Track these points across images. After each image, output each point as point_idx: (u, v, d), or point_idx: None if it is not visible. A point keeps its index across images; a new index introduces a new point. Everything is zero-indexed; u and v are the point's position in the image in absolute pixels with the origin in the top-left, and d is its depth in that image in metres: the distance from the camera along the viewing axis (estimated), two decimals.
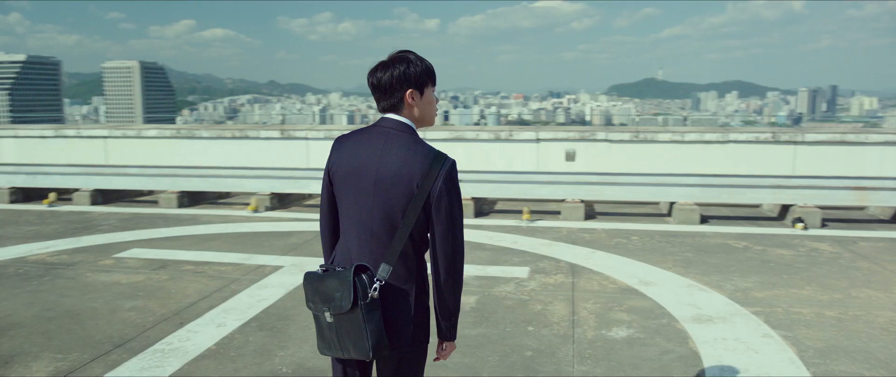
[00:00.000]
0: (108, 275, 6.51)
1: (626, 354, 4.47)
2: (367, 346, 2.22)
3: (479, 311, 5.37)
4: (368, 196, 2.31)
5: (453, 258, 2.32)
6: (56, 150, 12.59)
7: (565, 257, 7.11)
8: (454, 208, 2.31)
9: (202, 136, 12.16)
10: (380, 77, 2.37)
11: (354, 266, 2.24)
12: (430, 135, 11.13)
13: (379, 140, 2.34)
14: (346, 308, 2.21)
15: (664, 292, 5.84)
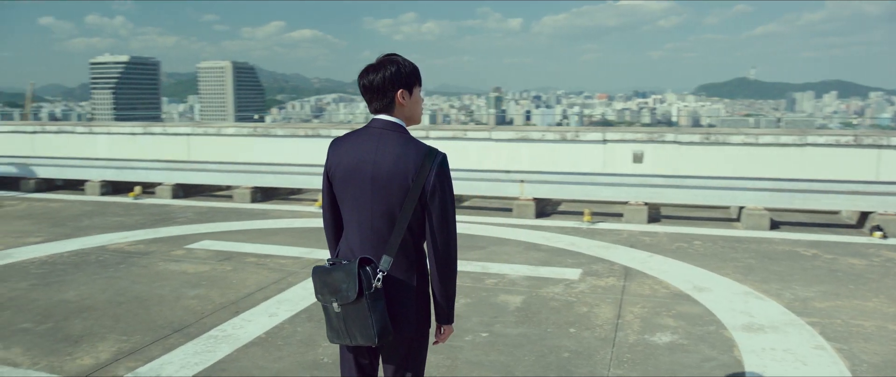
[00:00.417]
0: (177, 265, 6.90)
1: (665, 360, 4.41)
2: (372, 333, 2.35)
3: (523, 311, 5.39)
4: (367, 193, 2.43)
5: (447, 246, 2.46)
6: (144, 147, 13.34)
7: (621, 260, 7.02)
8: (446, 199, 2.44)
9: (277, 134, 12.61)
10: (372, 79, 2.48)
11: (359, 259, 2.36)
12: (495, 134, 11.17)
13: (373, 140, 2.45)
14: (353, 298, 2.33)
15: (717, 299, 5.69)
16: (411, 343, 2.54)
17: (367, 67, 2.53)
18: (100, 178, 12.13)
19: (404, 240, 2.44)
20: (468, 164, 10.95)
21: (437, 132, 11.69)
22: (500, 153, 11.10)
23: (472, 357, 4.48)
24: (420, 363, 2.61)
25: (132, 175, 12.02)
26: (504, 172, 10.11)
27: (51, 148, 13.67)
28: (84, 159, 12.64)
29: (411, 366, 2.58)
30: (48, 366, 4.36)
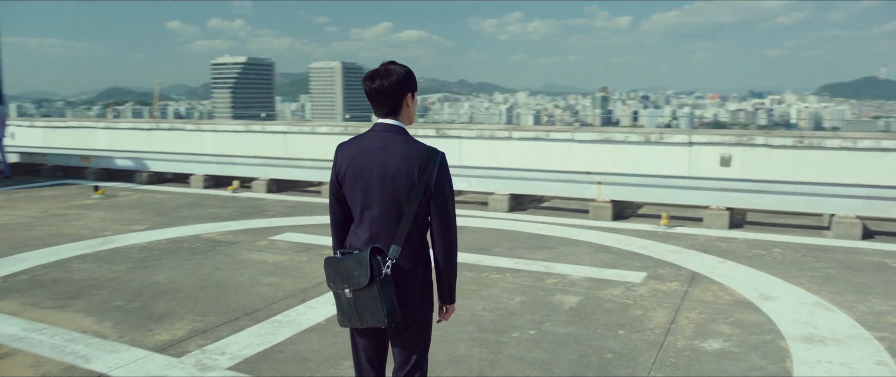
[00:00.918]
0: (259, 255, 7.39)
1: (710, 366, 4.35)
2: (382, 315, 2.58)
3: (576, 311, 5.44)
4: (376, 190, 2.64)
5: (448, 235, 2.71)
6: (245, 144, 14.18)
7: (689, 265, 6.89)
8: (447, 193, 2.68)
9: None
10: (382, 83, 2.68)
11: (371, 248, 2.59)
12: (578, 136, 11.12)
13: (378, 142, 2.67)
14: (365, 283, 2.57)
15: (782, 308, 5.51)
16: (417, 326, 2.77)
17: (373, 73, 2.74)
18: (203, 173, 13.03)
19: (410, 231, 2.64)
20: (550, 165, 10.97)
21: (519, 133, 11.77)
22: (582, 154, 11.03)
23: (515, 352, 4.59)
24: (425, 346, 2.83)
25: (232, 170, 12.83)
26: (581, 173, 10.07)
27: (164, 144, 14.80)
28: (190, 155, 13.61)
29: (417, 349, 2.80)
30: (131, 340, 4.85)
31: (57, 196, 11.78)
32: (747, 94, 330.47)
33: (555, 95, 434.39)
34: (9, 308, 5.60)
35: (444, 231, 2.71)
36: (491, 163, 11.35)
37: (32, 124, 17.57)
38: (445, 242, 2.72)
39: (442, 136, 12.37)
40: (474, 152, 11.88)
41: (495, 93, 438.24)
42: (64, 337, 4.92)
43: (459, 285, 5.58)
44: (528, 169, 10.54)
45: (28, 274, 6.65)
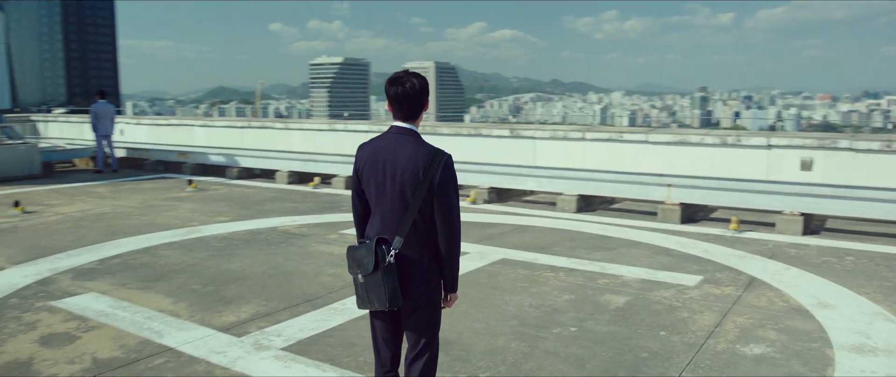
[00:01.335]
0: (327, 247, 7.81)
1: (745, 370, 4.35)
2: (384, 299, 2.87)
3: (621, 311, 5.50)
4: (387, 186, 2.90)
5: (450, 229, 2.95)
6: (328, 142, 14.78)
7: (750, 271, 6.76)
8: (450, 191, 2.92)
9: (442, 133, 13.39)
10: (409, 88, 2.92)
11: (377, 238, 2.85)
12: (653, 137, 10.99)
13: (392, 142, 2.92)
14: (371, 270, 2.85)
15: (837, 317, 5.37)
16: (423, 311, 3.02)
17: (398, 78, 2.99)
18: (288, 169, 13.71)
19: (415, 223, 2.90)
20: (622, 166, 10.90)
21: (592, 134, 11.73)
22: (655, 156, 10.89)
23: (552, 347, 4.73)
24: (433, 330, 3.07)
25: (314, 167, 13.44)
26: (651, 175, 9.98)
27: (254, 141, 15.64)
28: (277, 152, 14.34)
29: (426, 333, 3.05)
30: (200, 320, 5.32)
31: (155, 188, 12.74)
32: (861, 94, 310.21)
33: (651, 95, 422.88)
34: (101, 287, 6.22)
35: (446, 225, 2.95)
36: (563, 163, 11.38)
37: (139, 122, 18.95)
38: (447, 236, 2.96)
39: (516, 136, 12.50)
40: (548, 153, 11.93)
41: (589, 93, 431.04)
42: (144, 314, 5.45)
43: (510, 282, 5.79)
44: (597, 170, 10.53)
45: (121, 258, 7.32)
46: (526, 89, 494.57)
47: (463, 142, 12.87)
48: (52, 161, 15.66)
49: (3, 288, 6.21)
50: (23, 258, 7.34)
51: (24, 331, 5.12)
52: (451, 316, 5.36)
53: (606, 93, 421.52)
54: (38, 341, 4.90)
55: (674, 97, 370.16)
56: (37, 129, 21.62)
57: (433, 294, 3.02)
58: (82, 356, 4.62)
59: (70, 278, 6.55)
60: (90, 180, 13.95)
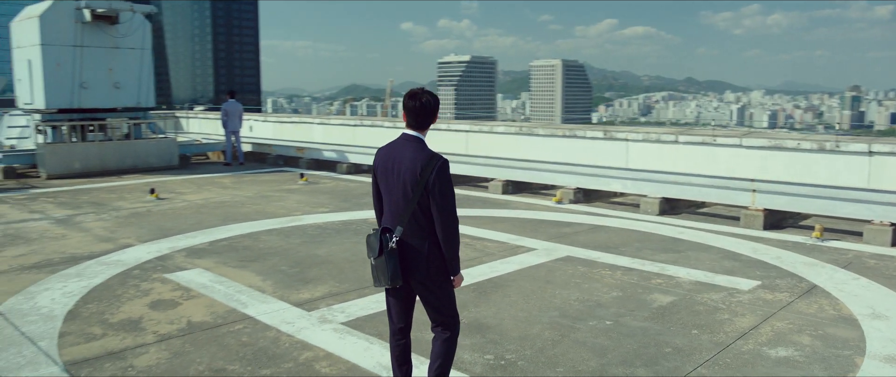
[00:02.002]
0: None
1: (760, 370, 4.53)
2: (387, 278, 3.46)
3: (663, 309, 5.75)
4: (393, 182, 3.47)
5: (445, 221, 3.46)
6: (434, 141, 15.49)
7: (815, 279, 6.72)
8: (444, 190, 3.44)
9: (538, 134, 13.76)
10: (426, 102, 3.48)
11: (382, 228, 3.42)
12: (747, 141, 10.84)
13: (400, 146, 3.49)
14: (377, 254, 3.41)
15: (885, 328, 5.34)
16: (430, 290, 3.58)
17: (416, 94, 3.55)
18: None
19: (415, 216, 3.44)
20: (715, 170, 10.82)
21: (686, 137, 11.70)
22: (748, 161, 10.74)
23: (581, 337, 5.10)
24: (443, 300, 3.64)
25: None
26: (735, 180, 9.90)
27: (365, 138, 16.69)
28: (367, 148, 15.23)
29: (436, 308, 3.63)
30: (280, 296, 6.12)
31: (271, 181, 14.00)
32: None
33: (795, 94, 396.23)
34: (206, 264, 7.21)
35: (440, 218, 3.46)
36: (655, 166, 11.43)
37: (266, 119, 20.63)
38: (442, 227, 3.48)
39: (609, 138, 12.66)
40: (640, 155, 12.01)
41: (726, 91, 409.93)
42: (235, 289, 6.33)
43: (566, 277, 6.24)
44: (681, 173, 10.54)
45: (228, 241, 8.35)
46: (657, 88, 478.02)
47: (557, 142, 13.19)
48: (188, 154, 17.47)
49: (130, 261, 7.35)
50: (150, 237, 8.55)
51: (140, 296, 6.12)
52: (498, 305, 5.85)
53: (745, 91, 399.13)
54: (148, 305, 5.88)
55: (821, 97, 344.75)
56: (180, 124, 23.99)
57: (433, 275, 3.53)
58: (180, 319, 5.52)
59: (183, 256, 7.61)
60: (218, 172, 15.50)
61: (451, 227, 3.49)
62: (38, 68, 14.42)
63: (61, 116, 14.84)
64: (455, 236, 3.53)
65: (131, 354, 4.80)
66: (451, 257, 3.56)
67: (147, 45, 15.81)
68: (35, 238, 8.52)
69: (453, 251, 3.56)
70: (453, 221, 3.50)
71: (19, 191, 12.45)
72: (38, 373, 4.48)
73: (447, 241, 3.51)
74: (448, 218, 3.48)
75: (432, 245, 3.51)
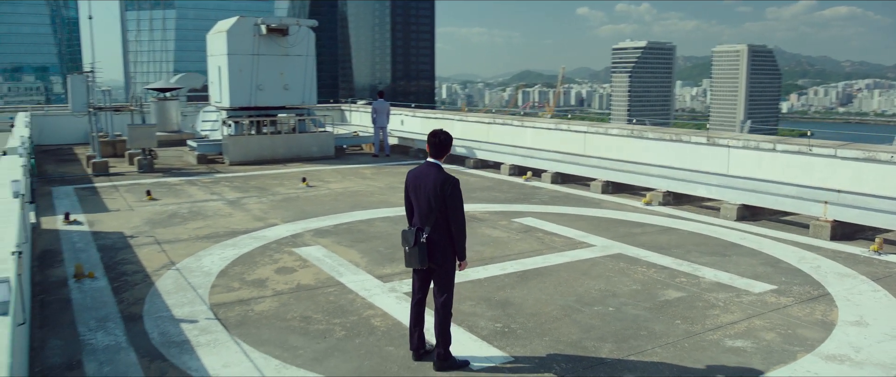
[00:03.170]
0: (491, 230, 10.05)
1: (708, 355, 5.65)
2: (417, 261, 5.14)
3: (665, 303, 6.89)
4: (422, 196, 5.15)
5: (456, 222, 5.13)
6: (553, 140, 16.81)
7: (832, 288, 7.41)
8: (455, 202, 5.09)
9: (648, 137, 14.62)
10: (443, 139, 5.19)
11: (416, 227, 5.12)
12: (841, 152, 11.12)
13: (425, 170, 5.18)
14: (412, 245, 5.11)
15: (855, 333, 6.13)
16: (442, 271, 5.22)
17: (437, 133, 5.24)
18: (510, 163, 16.13)
19: (438, 219, 5.09)
20: (810, 180, 11.20)
21: (783, 145, 12.11)
22: (843, 171, 11.00)
23: (580, 318, 6.46)
24: (448, 279, 5.26)
25: (530, 162, 15.66)
26: (810, 188, 10.41)
27: (496, 136, 18.37)
28: (507, 146, 16.84)
29: (443, 285, 5.27)
30: (369, 270, 8.00)
31: (403, 173, 16.05)
32: None
33: None
34: (325, 243, 9.29)
35: (453, 220, 5.12)
36: (753, 173, 11.92)
37: (414, 114, 22.91)
38: (455, 226, 5.13)
39: (711, 144, 13.29)
40: (741, 161, 12.52)
41: None
42: (339, 262, 8.31)
43: (602, 271, 7.92)
44: (763, 179, 11.14)
45: (348, 225, 10.42)
46: (861, 75, 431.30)
47: (664, 146, 13.96)
48: (343, 145, 20.14)
49: (271, 237, 9.62)
50: (291, 219, 10.85)
51: (270, 263, 8.29)
52: (531, 289, 7.31)
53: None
54: (274, 270, 8.01)
55: None
56: (344, 116, 27.07)
57: (447, 262, 5.19)
58: (293, 281, 7.57)
59: (311, 235, 9.77)
60: (365, 162, 17.92)
61: (460, 226, 5.14)
62: (225, 73, 17.62)
63: (242, 113, 17.97)
64: (463, 233, 5.17)
65: (253, 302, 6.89)
66: (460, 247, 5.20)
67: (311, 52, 18.56)
68: (210, 215, 11.15)
69: (462, 243, 5.19)
70: (462, 222, 5.15)
71: (207, 175, 15.56)
72: (193, 308, 6.69)
73: (458, 236, 5.16)
74: (458, 220, 5.12)
75: (447, 240, 5.15)
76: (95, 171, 15.47)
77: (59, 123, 21.92)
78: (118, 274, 7.85)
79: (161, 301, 6.91)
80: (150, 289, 7.30)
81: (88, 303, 6.89)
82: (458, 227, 5.17)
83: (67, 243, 9.27)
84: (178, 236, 9.66)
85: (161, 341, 5.91)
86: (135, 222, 10.55)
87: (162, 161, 17.76)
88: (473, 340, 5.96)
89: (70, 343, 5.89)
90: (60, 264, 8.25)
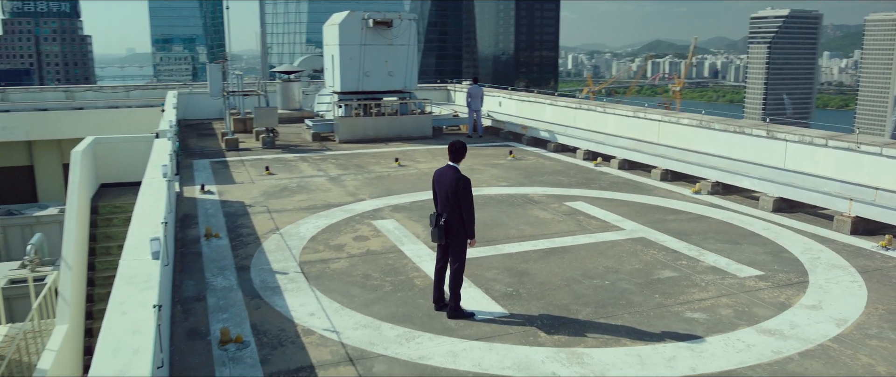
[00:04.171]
0: (541, 212, 11.71)
1: (665, 322, 7.16)
2: (437, 237, 7.11)
3: (654, 280, 8.36)
4: (441, 189, 7.07)
5: (467, 210, 7.03)
6: (631, 126, 17.98)
7: (816, 277, 8.52)
8: (466, 195, 6.98)
9: (714, 128, 15.55)
10: (458, 149, 7.13)
11: (437, 213, 7.06)
12: (888, 151, 11.78)
13: (445, 170, 7.12)
14: (434, 226, 7.07)
15: (804, 315, 7.40)
16: (455, 246, 7.11)
17: (453, 144, 7.08)
18: (585, 148, 17.50)
19: (452, 207, 6.98)
20: (858, 177, 11.98)
21: (835, 142, 12.84)
22: (891, 169, 11.70)
23: (577, 288, 8.10)
24: (460, 250, 7.15)
25: (601, 147, 16.95)
26: (835, 182, 11.28)
27: (580, 121, 19.74)
28: (582, 131, 18.21)
29: (456, 250, 7.15)
30: (424, 241, 9.94)
31: (487, 155, 17.89)
32: None
33: None
34: (398, 217, 11.34)
35: (463, 206, 6.97)
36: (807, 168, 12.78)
37: (511, 97, 24.56)
38: (465, 212, 6.99)
39: (771, 137, 14.10)
40: (797, 155, 13.36)
41: None
42: (404, 234, 10.33)
43: (617, 252, 9.65)
44: (802, 173, 12.09)
45: (423, 202, 12.40)
46: None
47: (727, 137, 14.94)
48: (442, 126, 22.16)
49: (357, 210, 11.80)
50: (378, 195, 13.00)
51: (350, 232, 10.45)
52: (549, 263, 9.00)
53: None
54: (352, 238, 10.16)
55: None
56: (449, 96, 29.11)
57: (460, 238, 7.06)
58: (364, 247, 9.68)
59: (389, 210, 11.86)
60: None
61: (469, 213, 7.02)
62: (337, 61, 20.06)
63: (351, 96, 20.39)
64: (472, 217, 7.05)
65: (331, 261, 9.05)
66: (470, 228, 7.08)
67: (412, 42, 20.63)
68: (313, 189, 13.52)
69: (471, 224, 7.07)
70: (471, 209, 7.04)
71: (318, 152, 18.10)
72: (287, 263, 8.94)
73: (468, 220, 7.05)
74: (468, 207, 7.01)
75: (459, 222, 7.02)
76: (227, 147, 18.44)
77: (201, 101, 25.43)
78: (236, 235, 10.29)
79: (264, 257, 9.23)
80: (258, 247, 9.65)
81: (213, 256, 9.32)
82: (468, 213, 7.00)
83: (202, 209, 11.91)
84: (285, 207, 12.06)
85: (260, 286, 8.18)
86: (253, 193, 13.11)
87: (283, 137, 20.58)
88: (486, 299, 7.79)
89: (199, 283, 8.29)
90: (195, 226, 10.83)
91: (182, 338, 6.78)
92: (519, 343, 6.66)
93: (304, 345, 6.62)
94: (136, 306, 4.87)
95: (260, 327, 7.02)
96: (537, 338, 6.78)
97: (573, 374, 6.04)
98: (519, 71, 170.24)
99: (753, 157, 14.10)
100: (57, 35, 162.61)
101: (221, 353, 6.43)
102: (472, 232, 7.12)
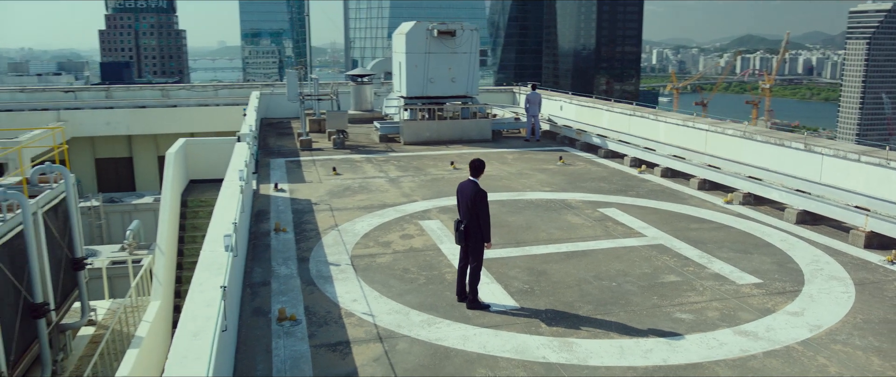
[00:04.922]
0: (574, 216, 12.82)
1: (655, 319, 8.24)
2: (457, 238, 8.51)
3: (658, 283, 9.39)
4: (463, 199, 8.45)
5: (483, 218, 8.38)
6: (680, 136, 18.67)
7: (812, 287, 9.32)
8: (482, 206, 8.34)
9: (756, 139, 16.16)
10: (477, 166, 8.47)
11: (458, 219, 8.44)
12: None
13: (466, 185, 8.47)
14: (455, 230, 8.45)
15: (783, 320, 8.31)
16: (474, 244, 8.46)
17: (473, 161, 8.42)
18: (631, 155, 18.35)
19: (472, 215, 8.33)
20: (889, 193, 12.51)
21: (867, 158, 13.34)
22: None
23: (586, 287, 9.24)
24: (478, 252, 8.49)
25: (648, 155, 17.77)
26: (851, 193, 11.85)
27: (635, 128, 20.55)
28: (632, 136, 19.05)
29: (474, 251, 8.50)
30: None
31: (538, 159, 19.00)
32: None
33: None
34: (443, 218, 12.70)
35: (479, 215, 8.30)
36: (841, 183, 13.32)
37: (571, 101, 25.48)
38: (481, 220, 8.31)
39: (808, 150, 14.66)
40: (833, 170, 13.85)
41: None
42: (445, 233, 11.68)
43: (632, 256, 10.88)
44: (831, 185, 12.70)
45: None
46: None
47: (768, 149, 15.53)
48: (502, 130, 23.39)
49: (408, 211, 13.24)
50: (429, 196, 14.41)
51: (398, 231, 11.90)
52: (567, 265, 10.16)
53: None
54: (399, 236, 11.60)
55: None
56: (515, 98, 30.24)
57: (477, 241, 8.37)
58: (408, 245, 11.11)
59: (437, 211, 13.25)
60: (514, 147, 21.06)
61: (485, 220, 8.33)
62: (404, 68, 21.60)
63: (416, 101, 21.89)
64: (487, 223, 8.36)
65: (377, 256, 10.52)
66: (486, 233, 8.39)
67: (474, 50, 21.95)
68: (373, 190, 15.07)
69: (487, 229, 8.38)
70: (487, 217, 8.34)
71: (382, 154, 19.70)
72: (340, 257, 10.47)
73: (484, 227, 8.35)
74: (484, 215, 8.32)
75: (476, 228, 8.33)
76: (302, 147, 20.30)
77: (281, 102, 27.56)
78: (301, 230, 11.92)
79: (322, 250, 10.79)
80: (317, 242, 11.24)
81: (280, 248, 10.96)
82: (484, 220, 8.29)
83: (274, 206, 13.64)
84: (346, 206, 13.64)
85: (315, 275, 9.73)
86: (320, 192, 14.77)
87: (353, 137, 22.32)
88: (503, 294, 9.06)
89: (266, 271, 9.92)
90: (267, 220, 12.54)
91: (249, 315, 8.39)
92: (521, 332, 7.92)
93: (344, 324, 8.10)
94: (209, 287, 6.45)
95: (311, 309, 8.55)
96: (538, 328, 8.01)
97: (560, 360, 7.26)
98: (599, 66, 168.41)
99: (792, 170, 14.68)
100: (154, 29, 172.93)
101: (278, 328, 7.99)
102: (487, 236, 8.40)
